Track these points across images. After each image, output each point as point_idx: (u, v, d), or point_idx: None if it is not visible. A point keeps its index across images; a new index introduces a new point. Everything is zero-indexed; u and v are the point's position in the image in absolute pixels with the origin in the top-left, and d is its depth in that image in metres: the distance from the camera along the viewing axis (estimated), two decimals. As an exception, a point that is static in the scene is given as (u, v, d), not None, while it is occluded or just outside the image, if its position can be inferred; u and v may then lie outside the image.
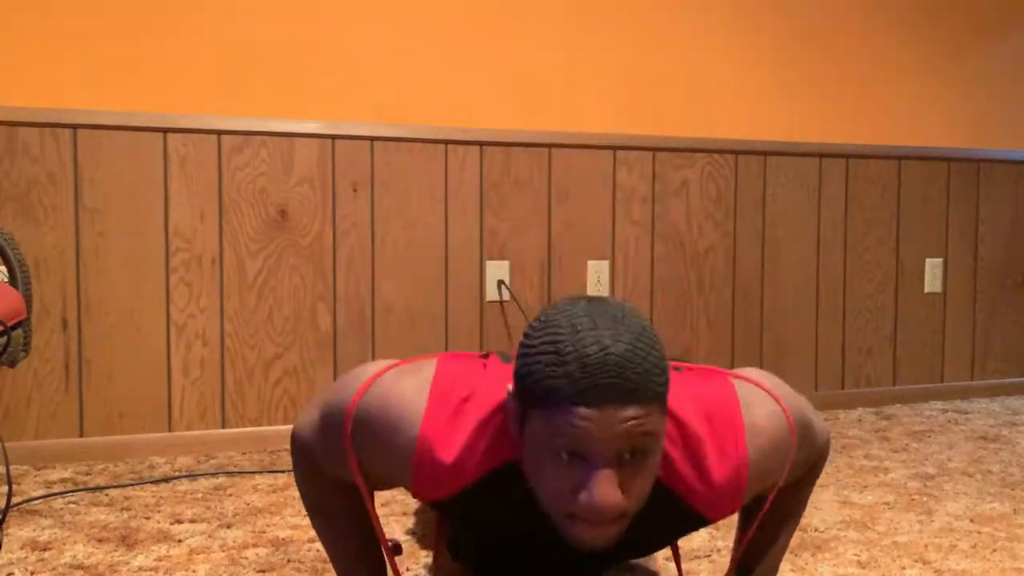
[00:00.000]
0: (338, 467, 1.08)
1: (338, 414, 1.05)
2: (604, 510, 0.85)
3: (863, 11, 2.86)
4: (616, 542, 1.09)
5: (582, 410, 0.84)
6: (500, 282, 2.47)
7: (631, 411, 0.85)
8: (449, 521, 1.14)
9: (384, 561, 1.19)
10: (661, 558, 1.52)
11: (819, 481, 1.99)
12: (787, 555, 1.53)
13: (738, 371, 1.11)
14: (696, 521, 1.05)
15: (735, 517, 1.75)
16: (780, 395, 1.09)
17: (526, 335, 0.91)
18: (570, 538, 0.91)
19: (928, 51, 2.95)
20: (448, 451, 0.97)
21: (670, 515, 1.04)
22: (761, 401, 1.05)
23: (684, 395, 1.03)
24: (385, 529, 1.67)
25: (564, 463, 0.87)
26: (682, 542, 1.59)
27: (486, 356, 1.12)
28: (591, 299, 0.92)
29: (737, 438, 1.00)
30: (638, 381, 0.85)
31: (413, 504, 1.81)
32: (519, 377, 0.90)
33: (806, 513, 1.77)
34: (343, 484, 1.13)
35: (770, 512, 1.22)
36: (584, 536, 0.89)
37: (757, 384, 1.08)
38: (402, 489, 1.91)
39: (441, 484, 0.99)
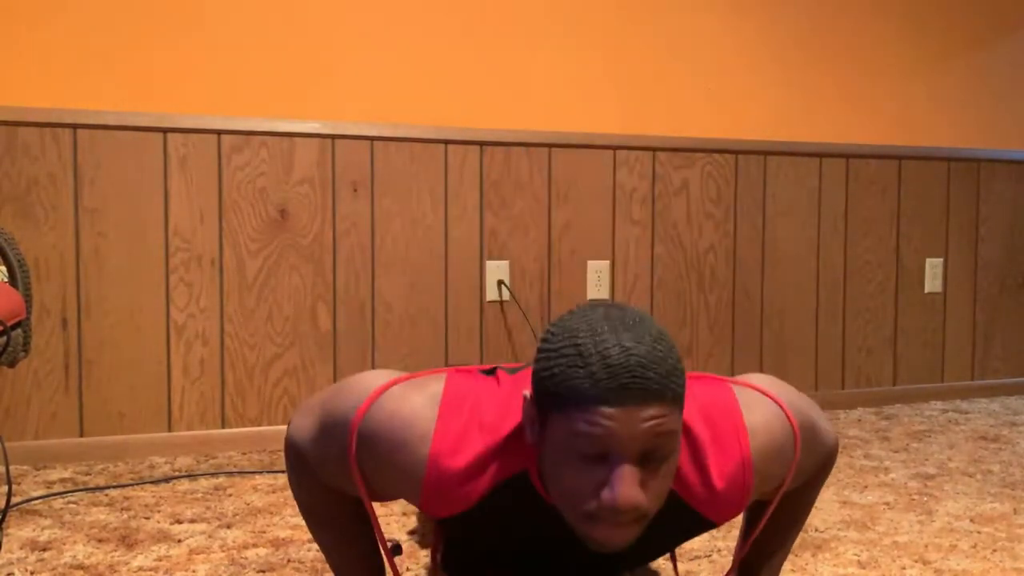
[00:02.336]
0: (338, 478, 1.06)
1: (341, 427, 1.02)
2: (627, 508, 0.86)
3: (863, 11, 2.86)
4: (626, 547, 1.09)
5: (606, 410, 0.84)
6: (500, 282, 2.46)
7: (653, 410, 0.85)
8: (449, 533, 1.13)
9: (383, 561, 1.19)
10: (660, 558, 1.52)
11: (819, 481, 2.00)
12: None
13: (739, 378, 1.11)
14: (702, 524, 1.05)
15: (739, 518, 1.75)
16: (783, 399, 1.09)
17: (544, 339, 0.91)
18: (590, 540, 0.90)
19: (928, 51, 2.95)
20: (460, 468, 0.96)
21: (676, 519, 1.03)
22: (761, 404, 1.05)
23: (686, 400, 1.03)
24: (385, 530, 1.67)
25: (586, 464, 0.87)
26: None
27: (491, 371, 1.10)
28: (608, 305, 0.92)
29: (740, 441, 1.00)
30: (660, 381, 0.86)
31: (413, 504, 1.81)
32: (539, 380, 0.89)
33: (806, 513, 1.77)
34: (340, 491, 1.11)
35: (775, 515, 1.21)
36: (604, 537, 0.89)
37: (758, 389, 1.08)
38: (402, 489, 1.91)
39: (452, 501, 0.98)
